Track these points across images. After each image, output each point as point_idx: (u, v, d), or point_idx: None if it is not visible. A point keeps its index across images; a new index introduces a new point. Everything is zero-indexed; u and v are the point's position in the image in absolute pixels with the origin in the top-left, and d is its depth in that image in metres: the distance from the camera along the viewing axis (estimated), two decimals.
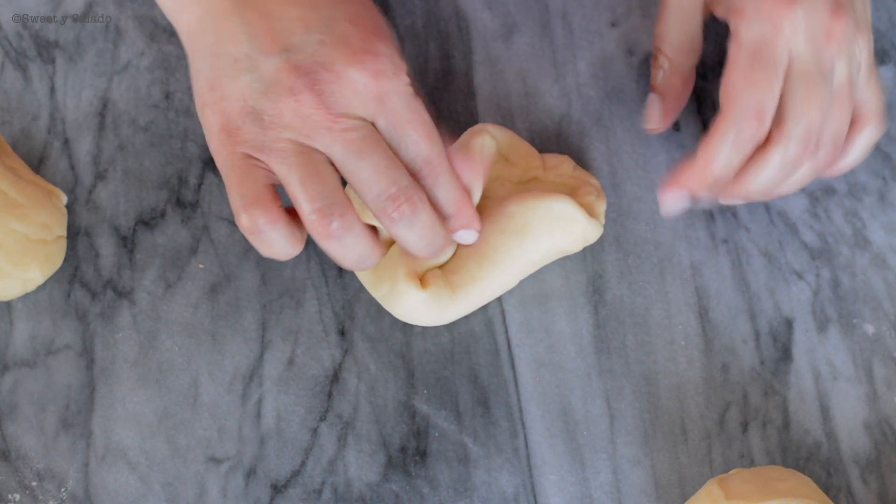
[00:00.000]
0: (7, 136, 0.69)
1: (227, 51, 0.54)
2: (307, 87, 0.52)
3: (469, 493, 0.61)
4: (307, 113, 0.53)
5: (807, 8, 0.57)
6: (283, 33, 0.53)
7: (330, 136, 0.53)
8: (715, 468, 0.62)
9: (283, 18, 0.53)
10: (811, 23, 0.57)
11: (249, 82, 0.53)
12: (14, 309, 0.65)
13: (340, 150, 0.53)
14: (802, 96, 0.57)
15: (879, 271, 0.66)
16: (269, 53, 0.53)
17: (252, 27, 0.53)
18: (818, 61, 0.57)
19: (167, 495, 0.61)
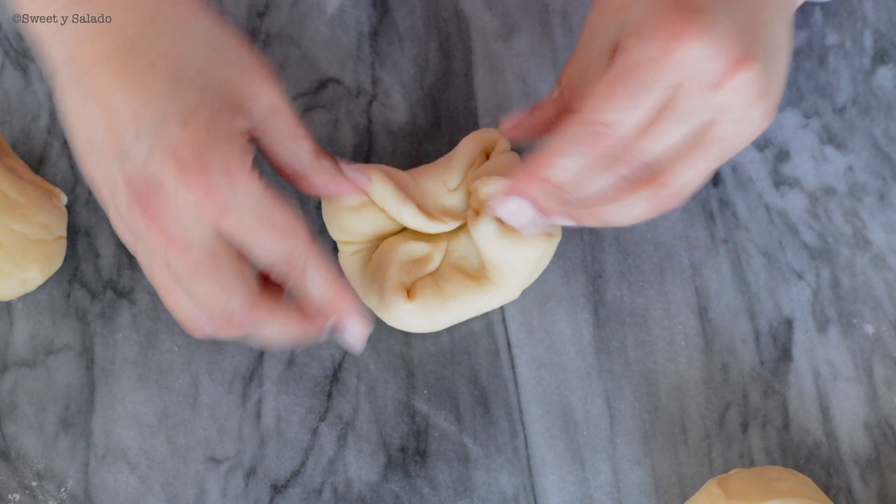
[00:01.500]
0: (7, 136, 0.69)
1: (77, 131, 0.52)
2: (140, 208, 0.50)
3: (469, 493, 0.61)
4: (142, 229, 0.51)
5: (707, 46, 0.51)
6: (118, 133, 0.50)
7: (166, 256, 0.51)
8: (715, 468, 0.62)
9: (118, 111, 0.50)
10: (705, 64, 0.51)
11: (102, 180, 0.52)
12: (14, 309, 0.65)
13: (177, 268, 0.51)
14: (654, 128, 0.53)
15: (879, 271, 0.66)
16: (108, 155, 0.50)
17: (92, 115, 0.51)
18: (693, 104, 0.52)
19: (167, 495, 0.61)
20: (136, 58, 0.50)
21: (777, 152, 0.69)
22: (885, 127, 0.70)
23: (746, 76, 0.52)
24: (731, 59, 0.52)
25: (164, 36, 0.51)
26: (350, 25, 0.72)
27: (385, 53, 0.71)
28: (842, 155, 0.69)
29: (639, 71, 0.52)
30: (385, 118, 0.70)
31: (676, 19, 0.51)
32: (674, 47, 0.51)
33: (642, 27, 0.52)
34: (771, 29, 0.54)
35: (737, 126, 0.54)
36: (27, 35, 0.54)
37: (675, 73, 0.52)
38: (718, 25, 0.51)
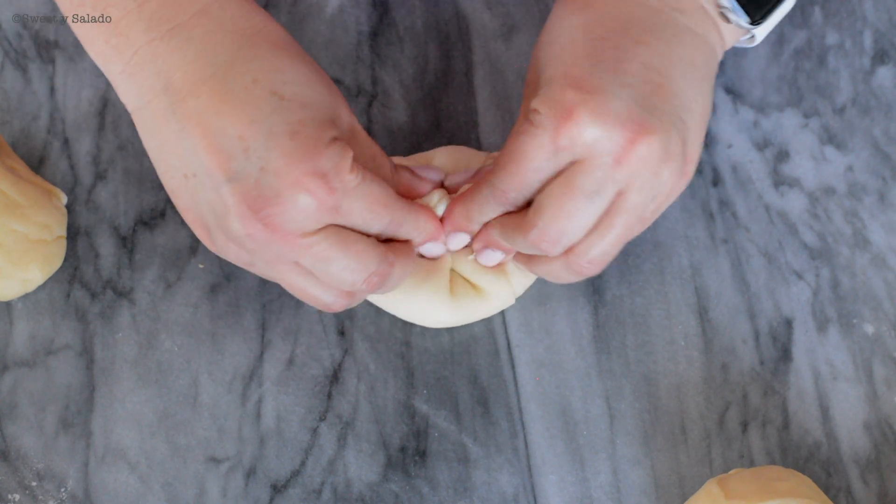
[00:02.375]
0: (7, 136, 0.69)
1: (172, 162, 0.53)
2: (259, 221, 0.52)
3: (469, 493, 0.61)
4: (266, 241, 0.52)
5: (601, 126, 0.53)
6: (224, 156, 0.51)
7: (293, 255, 0.54)
8: (715, 468, 0.62)
9: (222, 135, 0.51)
10: (602, 144, 0.53)
11: (204, 206, 0.53)
12: (14, 309, 0.65)
13: (307, 262, 0.54)
14: (556, 208, 0.55)
15: (879, 271, 0.66)
16: (214, 178, 0.52)
17: (192, 142, 0.52)
18: (594, 179, 0.54)
19: (167, 495, 0.61)
20: (233, 79, 0.52)
21: (777, 152, 0.69)
22: (885, 127, 0.70)
23: (645, 148, 0.53)
24: (627, 136, 0.53)
25: (262, 56, 0.53)
26: (350, 25, 0.72)
27: (385, 53, 0.71)
28: (842, 155, 0.69)
29: (534, 150, 0.54)
30: (385, 118, 0.70)
31: (570, 98, 0.53)
32: (565, 128, 0.53)
33: (539, 103, 0.54)
34: (672, 88, 0.55)
35: (645, 193, 0.55)
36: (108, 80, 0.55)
37: (570, 153, 0.54)
38: (612, 103, 0.53)
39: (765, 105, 0.70)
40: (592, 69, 0.54)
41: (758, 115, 0.70)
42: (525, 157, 0.55)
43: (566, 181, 0.54)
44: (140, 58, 0.53)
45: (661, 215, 0.67)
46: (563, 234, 0.55)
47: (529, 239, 0.56)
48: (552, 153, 0.54)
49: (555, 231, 0.55)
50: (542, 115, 0.54)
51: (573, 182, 0.54)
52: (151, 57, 0.53)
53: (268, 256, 0.54)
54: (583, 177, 0.54)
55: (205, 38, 0.53)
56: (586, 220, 0.55)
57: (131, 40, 0.53)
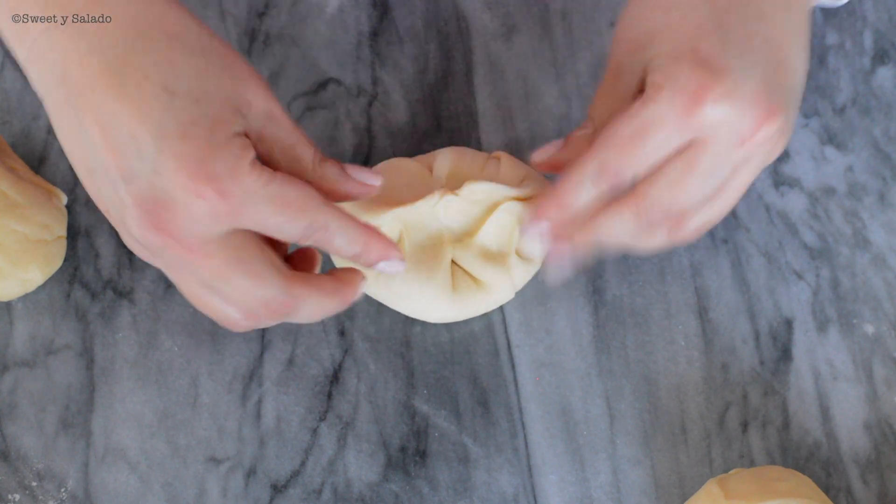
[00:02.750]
0: (7, 136, 0.69)
1: (76, 154, 0.51)
2: (155, 226, 0.50)
3: (469, 493, 0.61)
4: (160, 246, 0.50)
5: (731, 108, 0.52)
6: (120, 154, 0.49)
7: (191, 267, 0.51)
8: (715, 468, 0.62)
9: (116, 130, 0.49)
10: (730, 125, 0.52)
11: (107, 200, 0.51)
12: (14, 309, 0.65)
13: (204, 275, 0.51)
14: (676, 180, 0.53)
15: (879, 271, 0.66)
16: (112, 176, 0.50)
17: (90, 137, 0.50)
18: (716, 159, 0.53)
19: (167, 495, 0.61)
20: (128, 73, 0.50)
21: None
22: (885, 127, 0.70)
23: (771, 129, 0.53)
24: (756, 118, 0.52)
25: (155, 48, 0.50)
26: (350, 25, 0.72)
27: (385, 53, 0.71)
28: (842, 155, 0.69)
29: (658, 128, 0.52)
30: (385, 118, 0.70)
31: (700, 79, 0.52)
32: (695, 110, 0.52)
33: (665, 79, 0.52)
34: (792, 66, 0.54)
35: (758, 168, 0.55)
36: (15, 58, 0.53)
37: (696, 133, 0.52)
38: (742, 85, 0.52)
39: None
40: (722, 46, 0.52)
41: None
42: (647, 135, 0.52)
43: (689, 159, 0.53)
44: (39, 45, 0.51)
45: None
46: (674, 206, 0.54)
47: (641, 208, 0.54)
48: (677, 131, 0.52)
49: (667, 204, 0.54)
50: (668, 92, 0.52)
51: (696, 160, 0.53)
52: (48, 46, 0.51)
53: (168, 262, 0.52)
54: (707, 156, 0.53)
55: (98, 30, 0.50)
56: (702, 194, 0.54)
57: (30, 28, 0.52)
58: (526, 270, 0.63)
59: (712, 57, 0.52)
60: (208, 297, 0.53)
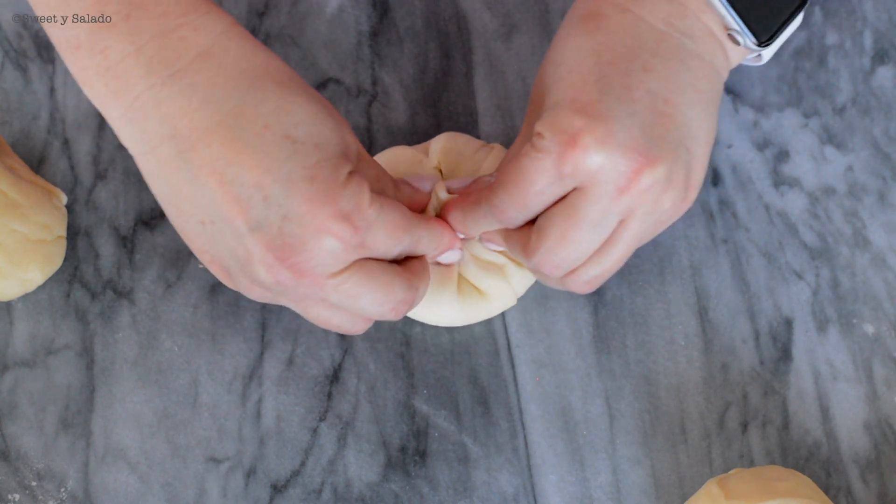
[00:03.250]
0: (7, 136, 0.69)
1: (185, 208, 0.52)
2: (287, 269, 0.51)
3: (469, 493, 0.61)
4: (292, 285, 0.52)
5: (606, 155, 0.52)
6: (244, 205, 0.50)
7: (321, 295, 0.53)
8: (715, 468, 0.62)
9: (238, 184, 0.50)
10: (606, 174, 0.53)
11: (225, 252, 0.53)
12: (14, 309, 0.65)
13: (335, 299, 0.54)
14: (559, 236, 0.55)
15: (879, 271, 0.66)
16: (235, 227, 0.51)
17: (207, 190, 0.51)
18: (597, 208, 0.54)
19: (167, 495, 0.61)
20: (244, 126, 0.51)
21: (777, 152, 0.69)
22: (885, 127, 0.70)
23: (649, 179, 0.53)
24: (632, 165, 0.53)
25: (270, 98, 0.52)
26: (350, 25, 0.72)
27: (385, 53, 0.71)
28: (842, 155, 0.69)
29: (537, 174, 0.54)
30: (385, 118, 0.70)
31: (575, 125, 0.53)
32: (571, 155, 0.53)
33: (545, 127, 0.54)
34: (678, 118, 0.55)
35: (646, 221, 0.55)
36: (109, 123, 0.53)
37: (574, 180, 0.54)
38: (618, 132, 0.53)
39: (765, 105, 0.70)
40: (600, 95, 0.54)
41: (758, 115, 0.70)
42: (527, 181, 0.54)
43: (569, 209, 0.54)
44: (141, 103, 0.52)
45: None
46: (565, 260, 0.56)
47: (532, 263, 0.56)
48: (555, 178, 0.54)
49: (558, 258, 0.55)
50: (546, 140, 0.53)
51: (577, 210, 0.54)
52: (154, 103, 0.51)
53: (295, 297, 0.54)
54: (586, 205, 0.54)
55: (209, 82, 0.51)
56: (588, 247, 0.55)
57: (130, 84, 0.51)
58: (526, 276, 0.63)
59: (590, 105, 0.53)
60: (336, 316, 0.56)
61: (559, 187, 0.54)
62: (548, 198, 0.55)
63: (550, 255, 0.55)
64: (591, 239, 0.55)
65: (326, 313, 0.55)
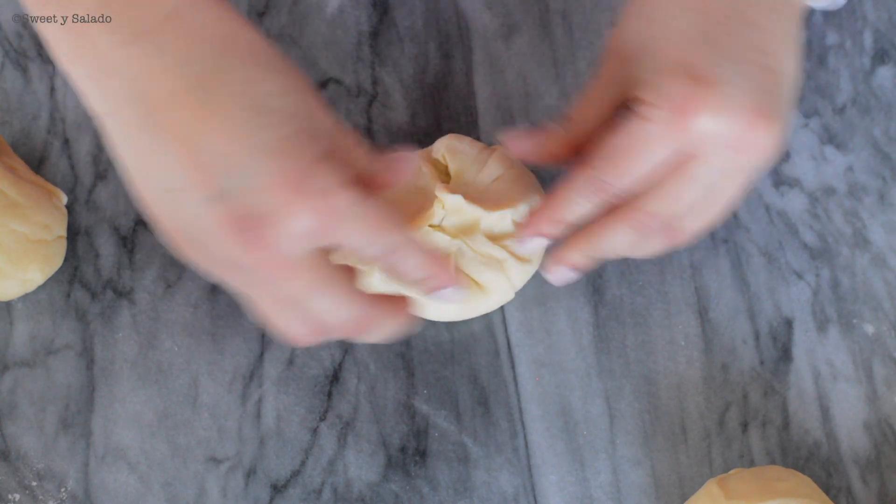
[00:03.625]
0: (7, 136, 0.69)
1: (149, 173, 0.49)
2: (247, 243, 0.48)
3: (469, 493, 0.61)
4: (247, 263, 0.49)
5: (722, 120, 0.51)
6: (208, 173, 0.47)
7: (276, 285, 0.50)
8: (715, 468, 0.62)
9: (204, 151, 0.47)
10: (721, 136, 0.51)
11: (184, 221, 0.50)
12: (14, 309, 0.65)
13: (291, 293, 0.51)
14: (672, 192, 0.53)
15: (879, 271, 0.66)
16: (197, 195, 0.48)
17: (171, 157, 0.48)
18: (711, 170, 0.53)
19: (167, 495, 0.61)
20: (212, 93, 0.48)
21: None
22: (885, 127, 0.70)
23: (762, 136, 0.52)
24: (749, 128, 0.51)
25: (239, 67, 0.49)
26: (350, 25, 0.72)
27: (385, 53, 0.71)
28: (842, 155, 0.69)
29: (650, 145, 0.52)
30: (385, 118, 0.70)
31: (690, 93, 0.51)
32: (687, 125, 0.51)
33: (653, 93, 0.52)
34: (785, 73, 0.54)
35: (748, 176, 0.55)
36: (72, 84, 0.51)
37: (689, 146, 0.52)
38: (732, 96, 0.51)
39: None
40: (712, 57, 0.52)
41: None
42: (638, 151, 0.52)
43: (684, 172, 0.53)
44: (107, 62, 0.49)
45: None
46: (674, 217, 0.54)
47: (638, 221, 0.54)
48: (669, 147, 0.52)
49: (665, 215, 0.54)
50: (656, 108, 0.51)
51: (691, 173, 0.53)
52: (120, 62, 0.49)
53: (250, 280, 0.51)
54: (701, 168, 0.52)
55: (178, 46, 0.49)
56: (688, 202, 0.54)
57: (96, 42, 0.49)
58: (524, 270, 0.63)
59: (702, 69, 0.51)
60: (283, 314, 0.52)
61: (672, 154, 0.52)
62: (656, 165, 0.53)
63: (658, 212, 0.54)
64: (703, 196, 0.54)
65: (274, 308, 0.52)
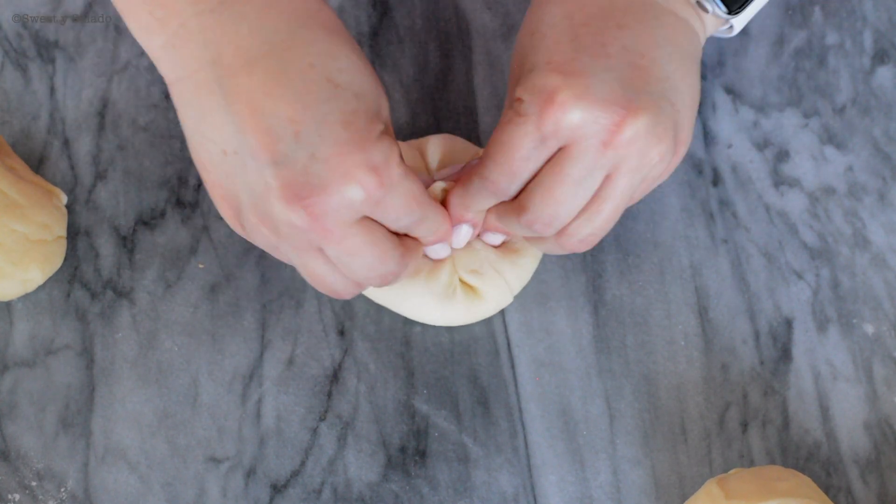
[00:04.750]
0: (7, 136, 0.69)
1: (212, 136, 0.52)
2: (303, 208, 0.51)
3: (469, 493, 0.61)
4: (302, 228, 0.52)
5: (586, 109, 0.52)
6: (273, 137, 0.50)
7: (324, 245, 0.53)
8: (715, 468, 0.62)
9: (272, 116, 0.50)
10: (588, 128, 0.53)
11: (241, 185, 0.52)
12: (14, 309, 0.65)
13: (333, 252, 0.53)
14: (546, 194, 0.55)
15: (879, 271, 0.66)
16: (258, 159, 0.50)
17: (238, 119, 0.50)
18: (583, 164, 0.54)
19: (167, 495, 0.61)
20: (289, 61, 0.51)
21: (777, 152, 0.69)
22: (885, 127, 0.70)
23: (632, 130, 0.53)
24: (613, 119, 0.53)
25: (318, 39, 0.52)
26: (350, 25, 0.72)
27: (385, 53, 0.71)
28: (842, 155, 0.69)
29: (521, 139, 0.54)
30: None
31: (555, 84, 0.53)
32: (550, 115, 0.53)
33: (525, 89, 0.54)
34: (657, 71, 0.55)
35: (635, 175, 0.55)
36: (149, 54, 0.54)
37: (558, 139, 0.54)
38: (596, 88, 0.53)
39: (765, 105, 0.70)
40: (575, 54, 0.54)
41: (758, 115, 0.70)
42: (512, 147, 0.54)
43: (555, 168, 0.54)
44: (186, 30, 0.51)
45: (661, 215, 0.67)
46: (554, 218, 0.56)
47: (522, 222, 0.56)
48: (539, 141, 0.54)
49: (547, 216, 0.55)
50: (526, 103, 0.54)
51: (562, 169, 0.54)
52: (199, 29, 0.51)
53: (298, 243, 0.53)
54: (571, 162, 0.54)
55: (258, 15, 0.51)
56: (576, 203, 0.55)
57: (177, 12, 0.51)
58: (521, 275, 0.63)
59: (565, 63, 0.54)
60: (328, 273, 0.55)
61: (544, 150, 0.54)
62: (535, 162, 0.55)
63: (540, 213, 0.55)
64: (578, 194, 0.55)
65: (321, 268, 0.55)
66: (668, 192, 0.68)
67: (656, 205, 0.67)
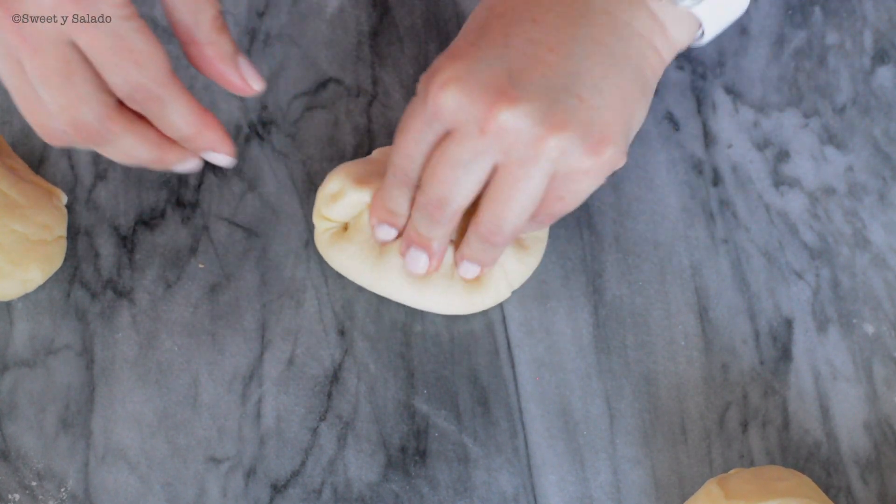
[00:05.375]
0: (7, 136, 0.69)
1: None
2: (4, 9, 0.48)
3: (469, 493, 0.61)
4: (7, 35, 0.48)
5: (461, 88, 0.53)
6: None
7: (19, 55, 0.49)
8: (715, 468, 0.62)
9: None
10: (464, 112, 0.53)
11: None
12: (14, 309, 0.65)
13: (29, 70, 0.50)
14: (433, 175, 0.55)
15: (879, 271, 0.66)
16: None
17: None
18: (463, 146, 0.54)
19: (167, 495, 0.61)
20: None
21: (777, 152, 0.69)
22: (885, 127, 0.70)
23: (508, 118, 0.53)
24: (487, 105, 0.53)
25: None
26: (350, 25, 0.72)
27: (385, 53, 0.71)
28: (842, 155, 0.69)
29: (413, 118, 0.56)
30: (385, 118, 0.70)
31: (440, 66, 0.54)
32: (430, 95, 0.54)
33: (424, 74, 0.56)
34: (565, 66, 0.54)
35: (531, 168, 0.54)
36: None
37: (439, 123, 0.54)
38: (479, 72, 0.53)
39: (765, 105, 0.70)
40: (476, 42, 0.55)
41: (758, 115, 0.70)
42: (406, 129, 0.56)
43: (440, 149, 0.55)
44: None
45: (661, 215, 0.67)
46: (444, 200, 0.56)
47: (418, 206, 0.56)
48: (426, 123, 0.55)
49: (436, 197, 0.56)
50: (420, 86, 0.55)
51: (445, 150, 0.55)
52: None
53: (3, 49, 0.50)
54: (453, 144, 0.54)
55: None
56: (466, 187, 0.55)
57: None
58: (521, 271, 0.63)
59: (459, 49, 0.55)
60: (33, 100, 0.51)
61: (431, 132, 0.55)
62: (425, 145, 0.55)
63: (430, 194, 0.56)
64: (462, 178, 0.55)
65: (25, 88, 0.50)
66: (668, 192, 0.68)
67: (656, 205, 0.67)
